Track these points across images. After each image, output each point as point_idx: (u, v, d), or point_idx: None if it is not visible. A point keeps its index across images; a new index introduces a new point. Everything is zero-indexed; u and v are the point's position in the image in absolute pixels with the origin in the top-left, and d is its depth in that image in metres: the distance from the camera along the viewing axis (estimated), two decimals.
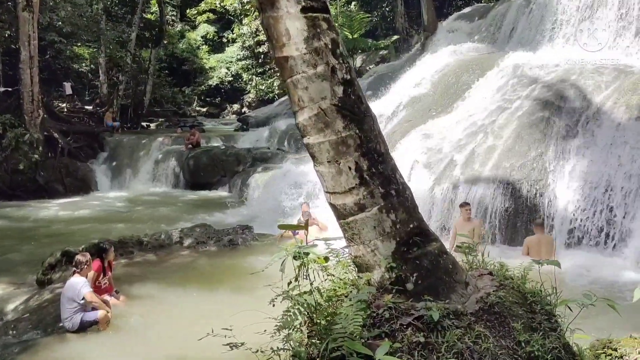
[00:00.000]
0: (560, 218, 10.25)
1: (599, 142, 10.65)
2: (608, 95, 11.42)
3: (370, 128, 3.44)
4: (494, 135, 11.80)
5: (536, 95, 12.17)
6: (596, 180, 10.13)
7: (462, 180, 11.23)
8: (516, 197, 10.60)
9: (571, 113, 11.45)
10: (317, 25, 3.35)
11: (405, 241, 3.39)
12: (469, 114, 13.10)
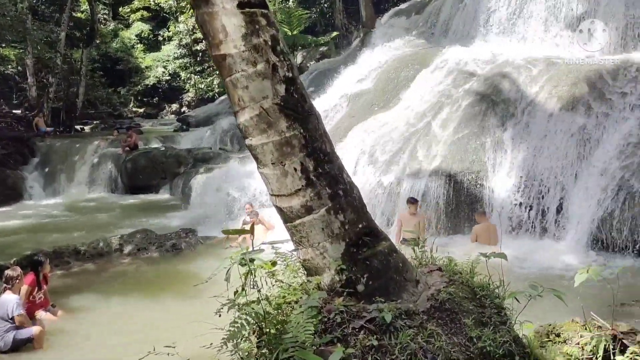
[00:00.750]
0: (500, 207, 10.54)
1: (533, 133, 11.01)
2: (540, 87, 11.83)
3: (315, 127, 3.34)
4: (435, 128, 11.99)
5: (473, 89, 12.46)
6: (533, 169, 10.47)
7: (406, 174, 11.36)
8: (458, 188, 10.81)
9: (507, 105, 11.78)
10: (256, 22, 3.21)
11: (355, 242, 3.31)
12: (410, 108, 13.27)
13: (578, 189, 9.94)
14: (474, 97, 12.24)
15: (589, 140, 10.43)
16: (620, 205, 8.97)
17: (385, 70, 15.19)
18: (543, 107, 11.32)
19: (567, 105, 11.05)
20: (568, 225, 9.75)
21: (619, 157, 9.80)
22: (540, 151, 10.66)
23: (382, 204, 11.30)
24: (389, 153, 12.04)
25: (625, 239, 8.72)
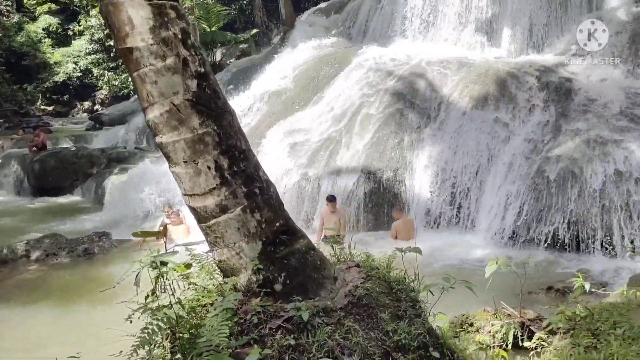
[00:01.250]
0: (418, 202, 10.84)
1: (448, 130, 11.42)
2: (454, 87, 12.30)
3: (229, 124, 3.25)
4: (356, 127, 12.15)
5: (391, 88, 12.74)
6: (448, 165, 10.86)
7: (327, 172, 11.44)
8: (378, 186, 11.02)
9: (423, 104, 12.15)
10: (164, 14, 3.08)
11: (272, 241, 3.26)
12: (331, 107, 13.38)
13: (490, 184, 10.41)
14: (392, 96, 12.52)
15: (498, 137, 10.96)
16: (528, 198, 9.47)
17: (305, 69, 15.23)
18: (456, 106, 11.78)
19: (479, 104, 11.56)
20: (481, 219, 10.18)
21: (526, 152, 10.36)
22: (455, 148, 11.07)
23: (304, 202, 11.32)
24: (310, 151, 12.08)
25: (534, 231, 9.21)
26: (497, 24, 14.72)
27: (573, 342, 4.53)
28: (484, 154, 10.74)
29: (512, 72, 12.10)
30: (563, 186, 9.17)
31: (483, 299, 5.91)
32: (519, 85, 11.74)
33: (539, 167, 9.73)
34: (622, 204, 8.58)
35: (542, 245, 9.14)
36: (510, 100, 11.49)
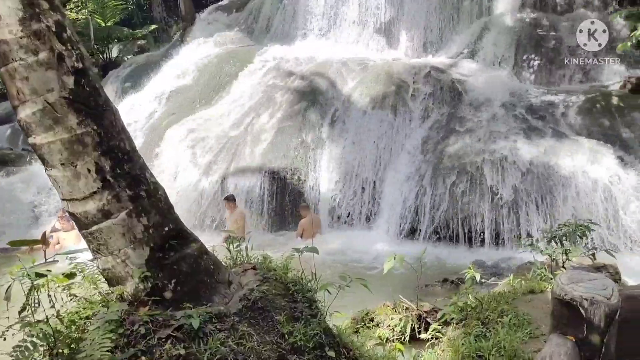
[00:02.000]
0: (322, 200, 10.95)
1: (349, 129, 11.63)
2: (355, 86, 12.54)
3: (111, 123, 3.05)
4: (258, 126, 12.05)
5: (294, 87, 12.77)
6: (349, 163, 11.06)
7: (230, 172, 11.25)
8: (282, 185, 11.01)
9: (325, 103, 12.29)
10: (36, 5, 2.84)
11: (161, 246, 3.10)
12: (233, 106, 13.18)
13: (390, 181, 10.72)
14: (295, 95, 12.55)
15: (398, 135, 11.32)
16: (425, 194, 9.86)
17: (207, 66, 14.89)
18: (357, 105, 12.02)
19: (378, 103, 11.86)
20: (382, 215, 10.46)
21: (422, 149, 10.79)
22: (356, 146, 11.30)
23: (207, 204, 11.05)
24: (213, 151, 11.82)
25: (430, 226, 9.61)
26: (395, 26, 15.21)
27: (465, 331, 4.74)
28: (383, 152, 11.04)
29: (409, 73, 12.54)
30: (456, 182, 9.64)
31: (385, 294, 6.08)
32: (416, 85, 12.20)
33: (434, 164, 10.16)
34: (509, 198, 9.15)
35: (440, 238, 9.56)
36: (408, 99, 11.91)
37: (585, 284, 2.47)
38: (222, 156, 11.68)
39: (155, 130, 13.02)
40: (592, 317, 2.40)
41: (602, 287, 2.45)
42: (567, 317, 2.48)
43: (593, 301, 2.40)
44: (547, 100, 11.38)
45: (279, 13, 16.68)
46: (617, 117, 10.43)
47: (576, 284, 2.46)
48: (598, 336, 2.41)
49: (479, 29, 14.22)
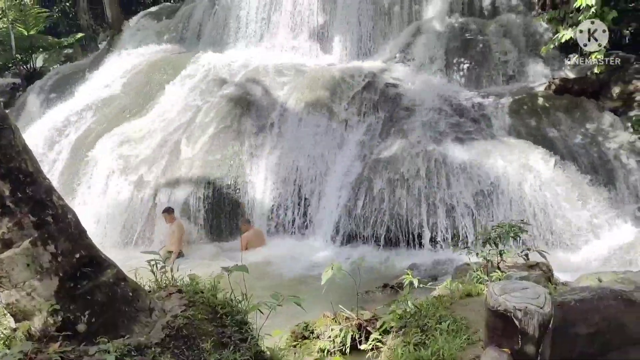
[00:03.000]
0: (260, 209, 10.73)
1: (286, 136, 11.48)
2: (290, 92, 12.42)
3: (10, 143, 2.77)
4: (192, 135, 11.70)
5: (228, 95, 12.49)
6: (287, 171, 10.90)
7: (162, 183, 10.84)
8: (218, 195, 10.71)
9: (260, 110, 12.09)
10: None
11: (72, 275, 2.84)
12: (165, 115, 12.75)
13: (328, 187, 10.64)
14: (229, 102, 12.27)
15: (333, 140, 11.28)
16: (362, 198, 9.83)
17: (136, 75, 14.36)
18: (293, 112, 11.89)
19: (314, 109, 11.79)
20: (321, 222, 10.36)
21: (359, 154, 10.78)
22: (293, 153, 11.15)
23: (140, 218, 10.60)
24: (145, 162, 11.37)
25: (369, 230, 9.58)
26: (328, 32, 15.21)
27: (404, 340, 4.67)
28: (321, 158, 10.96)
29: (343, 78, 12.54)
30: (393, 185, 9.67)
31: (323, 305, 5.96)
32: (351, 91, 12.21)
33: (371, 168, 10.17)
34: (445, 199, 9.26)
35: (379, 243, 9.55)
36: (343, 104, 11.90)
37: (518, 294, 2.42)
38: (154, 167, 11.25)
39: (83, 142, 12.40)
40: (526, 327, 2.35)
41: (535, 295, 2.41)
42: (502, 328, 2.42)
43: (526, 311, 2.35)
44: (477, 102, 11.65)
45: (210, 19, 16.34)
46: (543, 117, 10.80)
47: (509, 294, 2.41)
48: (533, 346, 2.37)
49: (410, 33, 14.43)
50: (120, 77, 14.45)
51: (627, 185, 9.53)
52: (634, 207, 9.25)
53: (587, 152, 9.97)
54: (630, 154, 9.79)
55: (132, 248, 10.24)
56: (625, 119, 10.31)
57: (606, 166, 9.76)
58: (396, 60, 13.87)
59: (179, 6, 18.51)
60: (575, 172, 9.38)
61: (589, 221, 8.85)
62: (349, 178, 10.25)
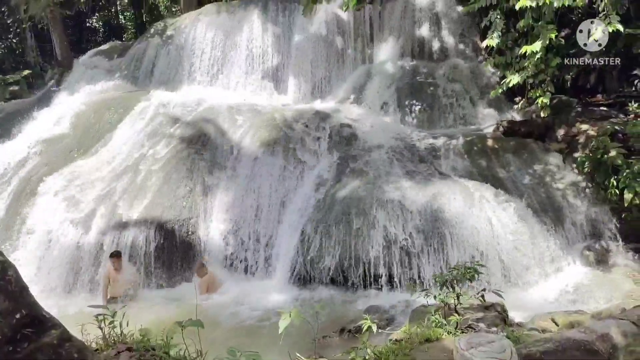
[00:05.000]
0: (214, 251, 10.47)
1: (240, 176, 11.35)
2: (245, 132, 12.35)
3: None
4: (142, 176, 11.40)
5: (181, 134, 12.31)
6: (242, 211, 10.73)
7: (112, 226, 10.44)
8: (170, 237, 10.39)
9: (214, 150, 11.95)
10: None
11: (11, 337, 2.62)
12: (115, 154, 12.41)
13: (283, 229, 10.51)
14: (181, 141, 12.09)
15: (289, 180, 11.21)
16: (318, 239, 9.73)
17: (85, 114, 13.99)
18: (248, 152, 11.81)
19: (269, 149, 11.74)
20: (276, 263, 10.18)
21: (316, 194, 10.73)
22: (248, 193, 11.02)
23: (86, 263, 10.13)
24: (92, 204, 10.95)
25: (326, 271, 9.46)
26: (283, 72, 15.38)
27: None
28: (276, 199, 10.86)
29: (298, 118, 12.60)
30: (349, 226, 9.63)
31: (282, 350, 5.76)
32: (306, 130, 12.26)
33: (327, 208, 10.13)
34: (401, 240, 9.28)
35: (335, 284, 9.44)
36: (298, 145, 11.90)
37: (484, 348, 2.38)
38: (102, 209, 10.84)
39: (28, 183, 11.88)
40: None
41: (501, 349, 2.37)
42: None
43: None
44: (430, 143, 11.89)
45: (163, 58, 16.23)
46: (493, 158, 11.10)
47: (475, 349, 2.37)
48: None
49: (363, 75, 14.76)
50: (68, 115, 14.04)
51: (574, 224, 9.83)
52: (581, 246, 9.54)
53: (536, 192, 10.28)
54: (576, 194, 10.15)
55: (77, 295, 9.77)
56: (570, 160, 10.72)
57: (554, 206, 10.06)
58: (350, 101, 14.10)
59: (131, 44, 18.35)
60: (525, 212, 9.60)
61: (539, 260, 9.04)
62: (305, 218, 10.16)
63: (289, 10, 16.01)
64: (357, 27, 15.68)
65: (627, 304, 6.84)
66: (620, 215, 9.73)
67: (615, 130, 10.16)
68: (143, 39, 17.45)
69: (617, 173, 9.54)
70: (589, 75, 13.02)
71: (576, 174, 10.41)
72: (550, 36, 9.50)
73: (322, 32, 15.63)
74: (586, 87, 13.15)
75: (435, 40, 15.27)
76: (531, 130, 11.72)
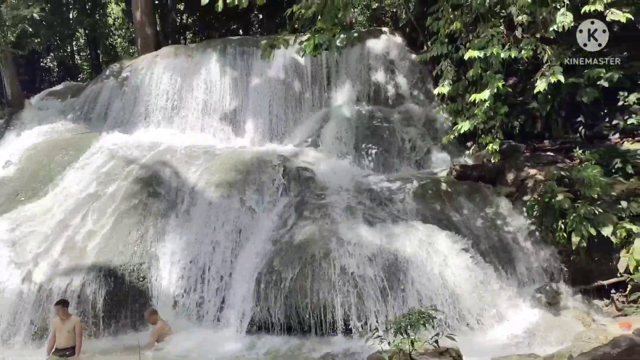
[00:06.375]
0: (166, 298, 10.17)
1: (194, 220, 11.16)
2: (200, 175, 12.22)
3: None
4: (93, 220, 11.08)
5: (134, 177, 12.10)
6: (195, 257, 10.50)
7: (58, 272, 10.02)
8: (120, 284, 10.07)
9: (168, 193, 11.76)
10: None
11: None
12: (65, 197, 12.05)
13: (238, 273, 10.30)
14: (134, 184, 11.86)
15: (245, 224, 11.07)
16: (274, 284, 9.56)
17: (34, 155, 13.61)
18: (203, 195, 11.65)
19: (225, 192, 11.62)
20: (229, 311, 9.92)
21: (271, 238, 10.61)
22: (202, 238, 10.81)
23: (30, 311, 9.64)
24: (38, 249, 10.54)
25: (280, 318, 9.27)
26: (240, 115, 15.44)
27: None
28: (231, 243, 10.69)
29: (255, 161, 12.58)
30: (305, 270, 9.52)
31: None
32: (263, 174, 12.21)
33: (283, 252, 10.00)
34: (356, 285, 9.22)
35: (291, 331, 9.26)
36: (255, 188, 11.83)
37: None
38: (49, 254, 10.44)
39: None
40: None
41: None
42: None
43: None
44: (386, 187, 12.03)
45: (118, 100, 16.07)
46: (446, 201, 11.30)
47: None
48: None
49: (321, 119, 14.97)
50: (17, 157, 13.64)
51: (525, 267, 10.03)
52: (532, 289, 9.70)
53: (488, 235, 10.47)
54: (527, 237, 10.39)
55: (19, 346, 9.26)
56: (520, 204, 11.01)
57: (506, 249, 10.26)
58: (307, 144, 14.21)
59: (85, 85, 18.12)
60: (478, 256, 9.74)
61: (493, 303, 9.13)
62: (260, 263, 10.00)
63: (247, 54, 16.20)
64: (315, 71, 15.99)
65: (578, 347, 6.95)
66: (569, 258, 9.99)
67: (562, 176, 10.52)
68: (98, 80, 17.27)
69: (565, 217, 9.83)
70: (536, 121, 13.55)
71: (526, 217, 10.67)
72: (498, 85, 9.87)
73: (280, 76, 15.85)
74: (534, 133, 13.67)
75: (390, 86, 15.69)
76: (482, 175, 12.03)
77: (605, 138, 12.84)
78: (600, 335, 7.44)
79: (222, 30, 24.35)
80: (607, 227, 9.48)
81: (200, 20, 25.26)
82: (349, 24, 17.04)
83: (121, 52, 28.31)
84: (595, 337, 7.44)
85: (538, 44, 9.79)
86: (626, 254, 9.42)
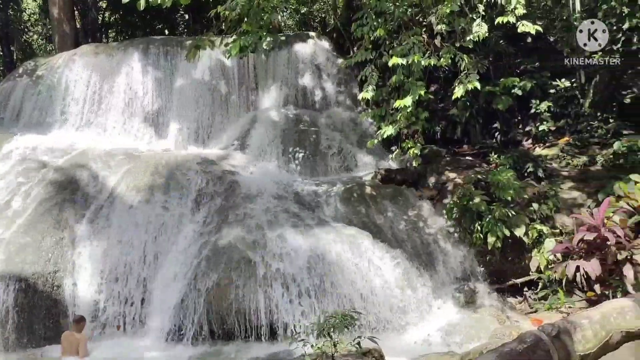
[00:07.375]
0: (83, 306, 9.71)
1: (114, 225, 10.72)
2: (120, 178, 11.77)
3: None
4: (2, 225, 10.41)
5: (49, 180, 11.49)
6: (114, 263, 10.10)
7: None
8: (32, 293, 9.51)
9: (86, 197, 11.26)
10: None
11: None
12: None
13: (160, 280, 10.01)
14: (49, 188, 11.26)
15: (168, 229, 10.76)
16: (197, 291, 9.37)
17: None
18: (123, 199, 11.23)
19: (146, 196, 11.26)
20: (153, 318, 9.62)
21: (194, 245, 10.39)
22: (122, 244, 10.40)
23: None
24: None
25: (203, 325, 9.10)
26: (164, 117, 15.02)
27: None
28: (152, 249, 10.37)
29: (179, 165, 12.29)
30: (230, 275, 9.39)
31: None
32: (187, 177, 11.95)
33: (207, 258, 9.82)
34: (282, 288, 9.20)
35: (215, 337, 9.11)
36: (179, 192, 11.54)
37: None
38: None
39: None
40: None
41: None
42: None
43: None
44: (312, 190, 12.10)
45: (32, 100, 15.19)
46: (371, 205, 11.52)
47: None
48: None
49: (247, 122, 14.85)
50: None
51: (445, 267, 10.39)
52: (451, 288, 10.07)
53: (410, 237, 10.77)
54: (446, 238, 10.78)
55: None
56: (440, 207, 11.41)
57: (427, 250, 10.59)
58: (234, 147, 14.06)
59: None
60: (401, 256, 9.98)
61: (414, 303, 9.39)
62: (183, 270, 9.77)
63: (171, 54, 15.79)
64: (242, 74, 15.83)
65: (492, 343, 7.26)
66: (485, 258, 10.45)
67: (479, 179, 11.00)
68: (10, 78, 16.26)
69: (481, 219, 10.29)
70: (456, 127, 14.11)
71: (445, 219, 11.07)
72: (419, 92, 10.18)
73: (205, 77, 15.56)
74: (454, 139, 14.22)
75: (317, 90, 15.81)
76: (406, 178, 12.37)
77: (519, 143, 13.58)
78: (514, 332, 7.83)
79: (147, 30, 23.63)
80: (520, 228, 10.02)
81: (123, 19, 24.40)
82: (277, 27, 17.00)
83: (38, 50, 26.84)
84: (509, 334, 7.83)
85: (456, 52, 10.20)
86: (537, 253, 9.99)
